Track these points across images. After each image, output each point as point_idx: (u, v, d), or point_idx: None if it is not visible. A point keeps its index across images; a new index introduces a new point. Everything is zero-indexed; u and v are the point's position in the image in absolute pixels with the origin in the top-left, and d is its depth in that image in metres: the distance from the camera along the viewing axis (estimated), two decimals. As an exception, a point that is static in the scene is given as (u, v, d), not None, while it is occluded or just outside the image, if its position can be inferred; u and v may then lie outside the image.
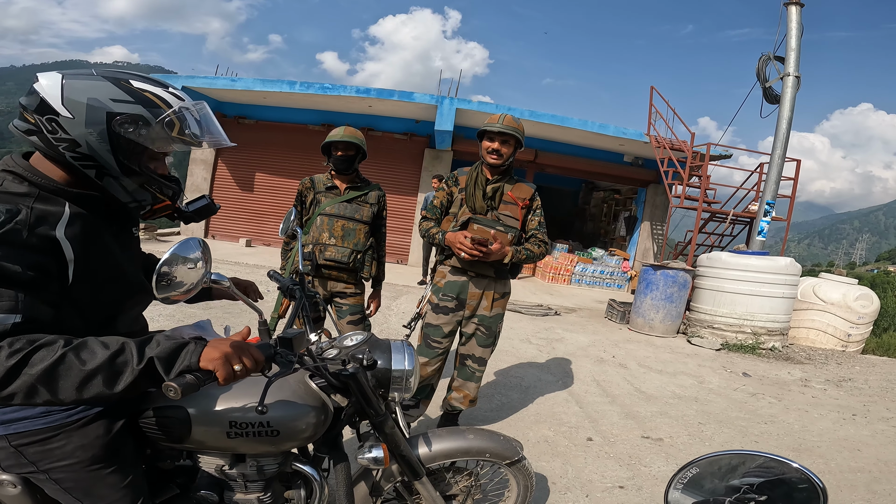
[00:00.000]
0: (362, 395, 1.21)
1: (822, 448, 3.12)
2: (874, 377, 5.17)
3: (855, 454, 3.09)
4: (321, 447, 1.31)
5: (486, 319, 2.49)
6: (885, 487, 2.66)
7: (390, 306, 6.09)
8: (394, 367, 1.27)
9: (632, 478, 2.46)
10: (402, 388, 1.28)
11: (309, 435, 1.22)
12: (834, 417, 3.75)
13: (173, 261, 0.93)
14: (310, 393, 1.23)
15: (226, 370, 0.90)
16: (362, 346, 1.29)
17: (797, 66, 7.18)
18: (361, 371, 1.20)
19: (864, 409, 4.06)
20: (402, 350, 1.31)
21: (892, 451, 3.18)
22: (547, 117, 9.81)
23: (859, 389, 4.65)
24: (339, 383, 1.21)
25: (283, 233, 1.71)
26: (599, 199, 14.52)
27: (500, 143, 2.39)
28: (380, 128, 11.08)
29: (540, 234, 2.49)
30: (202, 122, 1.07)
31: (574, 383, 3.93)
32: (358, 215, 2.65)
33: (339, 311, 2.72)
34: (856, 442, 3.29)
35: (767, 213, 7.20)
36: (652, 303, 6.35)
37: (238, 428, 1.13)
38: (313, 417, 1.21)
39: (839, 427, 3.55)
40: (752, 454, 0.85)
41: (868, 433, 3.48)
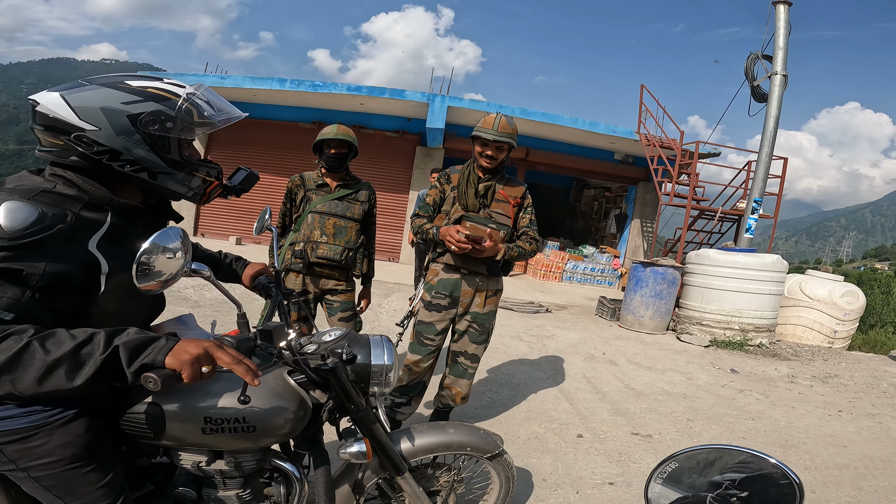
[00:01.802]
0: (342, 389, 1.21)
1: (808, 444, 3.16)
2: (860, 374, 5.23)
3: (841, 450, 3.12)
4: (301, 444, 1.30)
5: (479, 316, 2.50)
6: (870, 484, 2.68)
7: (381, 304, 6.07)
8: (373, 362, 1.27)
9: (621, 474, 2.48)
10: (381, 382, 1.28)
11: (287, 431, 1.21)
12: (820, 414, 3.80)
13: (153, 250, 0.93)
14: (288, 389, 1.22)
15: (192, 371, 0.88)
16: (341, 340, 1.28)
17: (784, 64, 7.26)
18: (341, 365, 1.19)
19: (850, 405, 4.11)
20: (381, 345, 1.31)
21: (877, 448, 3.21)
22: (538, 115, 9.83)
23: (845, 386, 4.71)
24: (319, 378, 1.21)
25: (257, 232, 1.71)
26: (590, 197, 14.59)
27: (494, 149, 2.41)
28: (371, 125, 11.04)
29: (531, 231, 2.51)
30: (212, 102, 1.10)
31: (564, 380, 3.95)
32: (349, 213, 2.65)
33: (329, 309, 2.72)
34: (841, 438, 3.33)
35: (755, 211, 7.28)
36: (642, 300, 6.39)
37: (213, 424, 1.12)
38: (291, 413, 1.20)
39: (825, 423, 3.60)
40: (730, 449, 0.86)
41: (854, 429, 3.52)
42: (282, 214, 2.76)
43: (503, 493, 1.63)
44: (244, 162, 11.30)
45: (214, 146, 11.44)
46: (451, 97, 9.80)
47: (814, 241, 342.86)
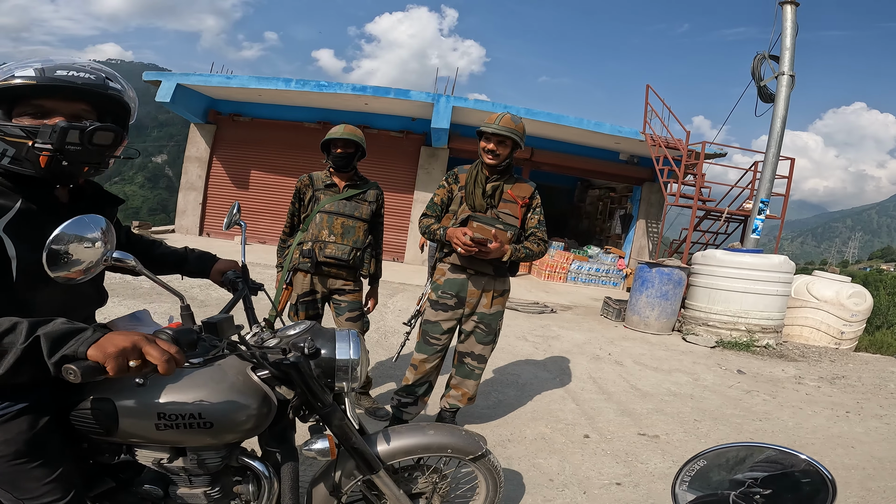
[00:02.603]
0: (305, 384, 1.19)
1: (815, 445, 3.14)
2: (867, 374, 5.21)
3: (849, 451, 3.11)
4: (270, 442, 1.28)
5: (486, 317, 2.49)
6: (878, 485, 2.67)
7: (387, 304, 6.08)
8: (338, 357, 1.25)
9: (628, 474, 2.47)
10: (348, 377, 1.25)
11: (250, 428, 1.19)
12: (827, 415, 3.78)
13: (64, 238, 0.88)
14: (250, 385, 1.20)
15: (116, 364, 0.84)
16: (304, 334, 1.26)
17: (792, 64, 7.22)
18: (303, 359, 1.17)
19: (858, 406, 4.09)
20: (346, 339, 1.28)
21: (885, 448, 3.20)
22: (543, 115, 9.82)
23: (853, 387, 4.68)
24: (281, 373, 1.19)
25: (226, 227, 1.71)
26: (595, 197, 14.56)
27: (496, 143, 2.39)
28: (376, 125, 11.04)
29: (539, 232, 2.50)
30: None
31: (570, 380, 3.94)
32: (357, 213, 2.65)
33: (337, 309, 2.72)
34: (849, 439, 3.31)
35: (762, 212, 7.25)
36: (647, 300, 6.38)
37: (167, 420, 1.10)
38: (254, 409, 1.18)
39: (833, 424, 3.57)
40: (760, 446, 0.85)
41: (861, 430, 3.51)
42: (290, 214, 2.77)
43: (491, 495, 1.61)
44: (249, 161, 11.40)
45: (220, 146, 11.49)
46: (456, 97, 9.80)
47: (819, 241, 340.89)
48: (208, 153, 11.40)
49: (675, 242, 9.79)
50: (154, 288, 4.82)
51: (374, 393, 3.16)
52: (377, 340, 4.54)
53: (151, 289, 4.89)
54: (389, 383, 3.44)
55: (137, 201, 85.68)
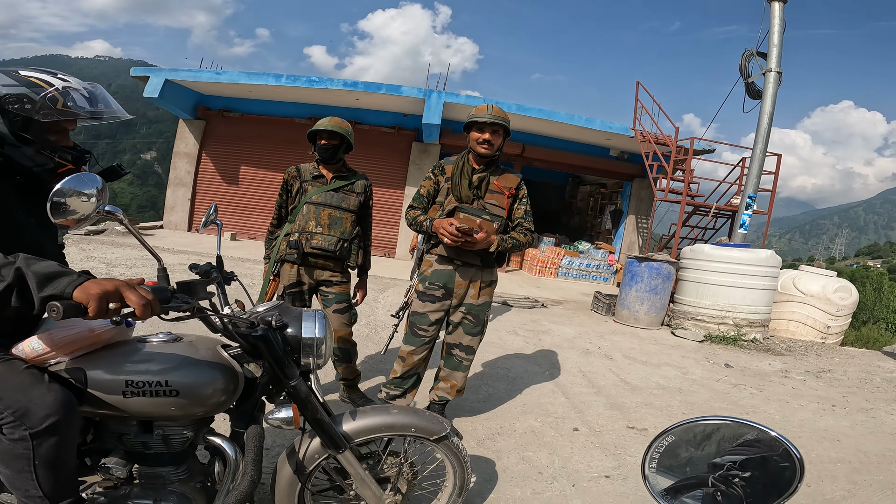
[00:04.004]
0: (273, 356, 1.23)
1: (802, 438, 3.17)
2: (853, 369, 5.28)
3: (835, 444, 3.14)
4: (238, 422, 1.31)
5: (474, 308, 2.50)
6: (864, 478, 2.69)
7: (377, 298, 6.07)
8: (304, 335, 1.29)
9: (617, 467, 2.49)
10: (314, 354, 1.30)
11: (217, 402, 1.23)
12: (814, 408, 3.82)
13: (66, 191, 1.04)
14: (218, 359, 1.25)
15: (97, 305, 0.92)
16: (273, 310, 1.31)
17: (779, 62, 7.26)
18: (271, 332, 1.23)
19: (844, 400, 4.14)
20: (312, 318, 1.33)
21: (871, 442, 3.23)
22: (534, 111, 9.85)
23: (838, 381, 4.75)
24: (249, 345, 1.24)
25: (203, 226, 1.74)
26: (586, 193, 14.62)
27: (491, 133, 2.40)
28: (367, 121, 11.01)
29: (526, 222, 2.51)
30: (92, 99, 1.25)
31: (560, 374, 3.96)
32: (345, 204, 2.65)
33: (324, 300, 2.73)
34: (835, 433, 3.34)
35: (749, 207, 7.31)
36: (637, 295, 6.42)
37: (134, 387, 1.15)
38: (221, 383, 1.22)
39: (819, 418, 3.62)
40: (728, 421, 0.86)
41: (847, 424, 3.55)
42: (278, 206, 2.77)
43: (458, 481, 1.63)
44: (239, 157, 11.32)
45: (210, 142, 11.39)
46: (448, 93, 9.80)
47: (807, 238, 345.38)
48: (197, 149, 11.30)
49: (664, 237, 9.87)
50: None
51: (363, 386, 3.16)
52: (367, 335, 4.53)
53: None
54: (379, 377, 3.44)
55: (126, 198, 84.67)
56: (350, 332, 2.80)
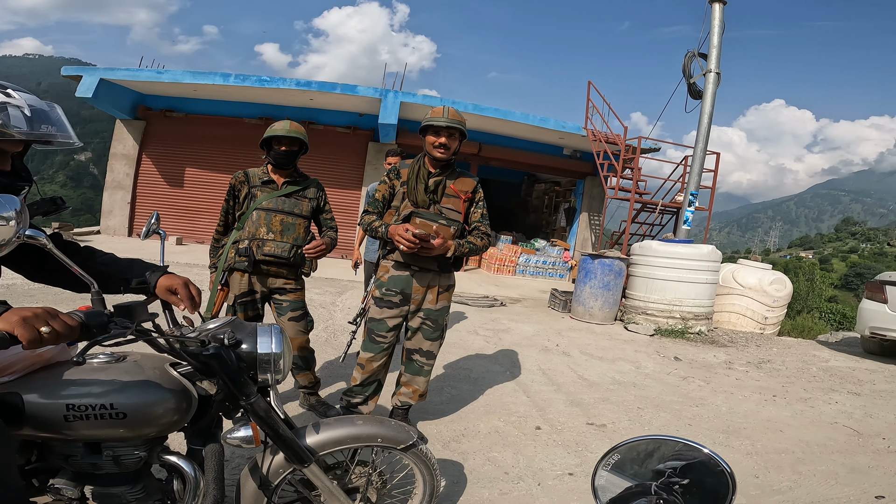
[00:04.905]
0: (228, 374, 1.20)
1: (748, 429, 3.27)
2: (790, 358, 5.57)
3: (778, 435, 3.24)
4: (194, 439, 1.28)
5: (433, 313, 2.50)
6: (808, 468, 2.77)
7: (335, 302, 5.98)
8: (260, 351, 1.26)
9: (580, 464, 2.55)
10: (272, 370, 1.27)
11: (168, 422, 1.19)
12: (757, 399, 3.96)
13: None
14: (168, 378, 1.21)
15: (28, 332, 0.90)
16: (224, 327, 1.27)
17: (718, 62, 7.50)
18: (224, 350, 1.19)
19: (783, 390, 4.30)
20: (268, 333, 1.30)
21: (812, 432, 3.34)
22: (490, 111, 9.97)
23: (778, 371, 4.96)
24: (200, 364, 1.20)
25: (144, 237, 1.66)
26: (541, 191, 14.94)
27: (447, 136, 2.39)
28: (321, 121, 10.81)
29: (483, 226, 2.52)
30: (34, 119, 1.12)
31: (521, 373, 4.03)
32: (297, 210, 2.60)
33: (278, 309, 2.66)
34: (778, 423, 3.46)
35: (691, 204, 7.66)
36: (591, 291, 6.61)
37: (77, 411, 1.11)
38: (172, 403, 1.19)
39: (762, 408, 3.75)
40: (667, 439, 0.90)
41: (788, 414, 3.68)
42: (224, 212, 2.67)
43: (428, 488, 1.63)
44: (184, 158, 10.83)
45: (151, 143, 10.84)
46: (405, 93, 9.77)
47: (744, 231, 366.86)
48: (137, 150, 10.75)
49: (615, 234, 10.24)
50: (76, 296, 4.50)
51: (324, 393, 3.11)
52: (326, 339, 4.45)
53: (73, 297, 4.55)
54: (339, 382, 3.40)
55: (58, 201, 78.70)
56: (307, 340, 2.75)
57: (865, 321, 5.65)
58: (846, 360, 5.76)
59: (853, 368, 5.29)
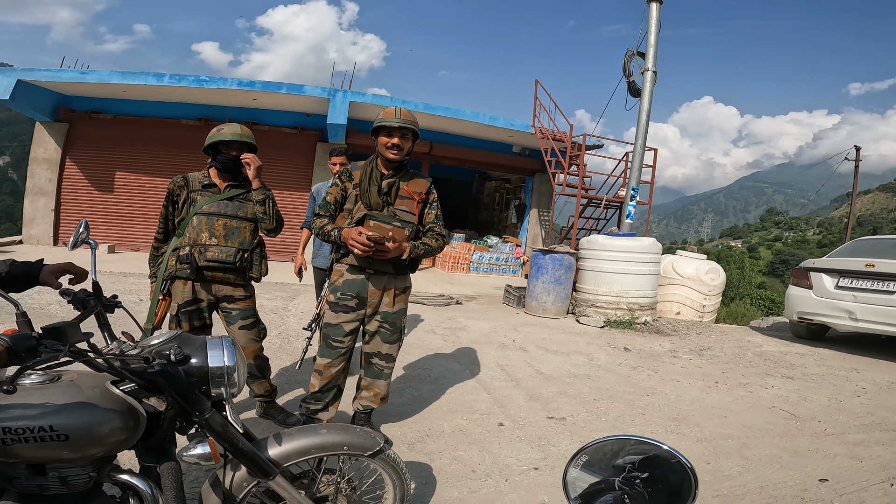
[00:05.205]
0: (177, 391, 1.16)
1: (695, 416, 3.37)
2: (728, 345, 5.81)
3: (723, 421, 3.33)
4: (147, 456, 1.24)
5: (390, 316, 2.47)
6: (754, 453, 2.85)
7: (287, 307, 5.81)
8: (211, 364, 1.23)
9: (544, 458, 2.59)
10: (226, 384, 1.24)
11: (115, 441, 1.15)
12: (701, 386, 4.09)
13: None
14: (110, 397, 1.17)
15: None
16: (170, 342, 1.24)
17: (655, 61, 7.80)
18: (171, 366, 1.15)
19: (724, 376, 4.45)
20: (219, 346, 1.27)
21: (753, 417, 3.44)
22: (441, 110, 10.00)
23: (717, 357, 5.16)
24: (146, 382, 1.16)
25: (71, 247, 1.59)
26: (492, 189, 15.16)
27: (400, 137, 2.37)
28: (266, 122, 10.47)
29: (437, 227, 2.52)
30: None
31: (480, 370, 4.07)
32: (241, 213, 2.51)
33: (228, 317, 2.57)
34: (722, 409, 3.56)
35: (633, 198, 8.00)
36: (543, 286, 6.77)
37: (14, 434, 1.05)
38: (117, 422, 1.14)
39: (706, 395, 3.87)
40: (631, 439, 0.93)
41: (730, 399, 3.80)
42: (163, 218, 2.55)
43: (398, 490, 1.63)
44: (114, 162, 10.19)
45: (75, 146, 10.10)
46: (354, 92, 9.63)
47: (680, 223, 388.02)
48: (60, 154, 10.00)
49: (564, 229, 10.56)
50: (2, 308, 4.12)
51: (282, 400, 3.03)
52: (280, 346, 4.33)
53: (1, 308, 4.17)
54: (298, 389, 3.32)
55: (-29, 209, 71.81)
56: (261, 348, 2.67)
57: (793, 307, 5.98)
58: (778, 344, 6.05)
59: (785, 353, 5.55)
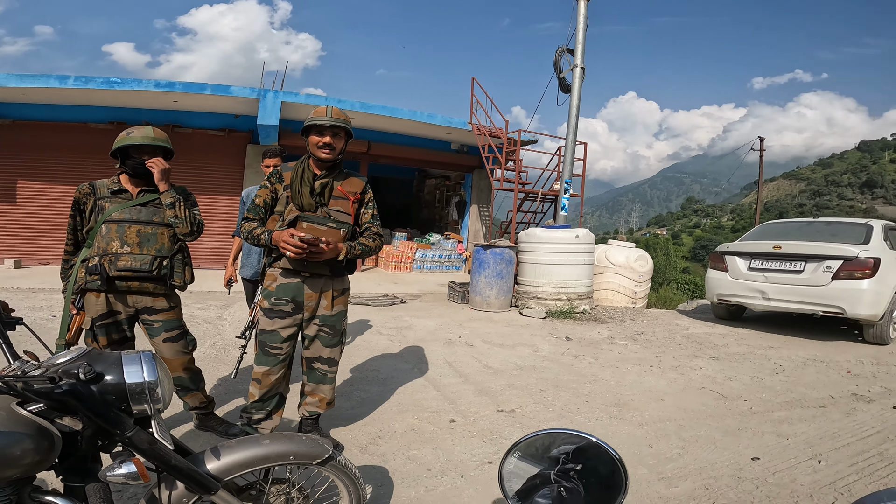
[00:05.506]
0: (92, 411, 1.11)
1: (635, 401, 3.46)
2: (659, 329, 6.05)
3: (660, 404, 3.43)
4: (69, 476, 1.17)
5: (329, 319, 2.42)
6: (690, 434, 2.93)
7: (222, 316, 5.54)
8: (129, 381, 1.18)
9: (496, 452, 2.62)
10: (148, 400, 1.19)
11: (29, 463, 1.08)
12: (638, 371, 4.21)
13: None
14: (17, 418, 1.10)
15: None
16: (79, 360, 1.17)
17: (583, 57, 8.06)
18: (81, 385, 1.10)
19: (657, 359, 4.59)
20: (137, 361, 1.21)
21: (687, 399, 3.56)
22: (378, 108, 9.88)
23: (650, 342, 5.35)
24: (55, 402, 1.10)
25: None
26: (432, 186, 15.20)
27: (332, 136, 2.31)
28: (189, 124, 9.88)
29: (374, 227, 2.49)
30: None
31: (429, 368, 4.08)
32: (157, 218, 2.37)
33: (150, 330, 2.43)
34: (658, 392, 3.66)
35: (567, 191, 8.31)
36: (486, 281, 6.88)
37: None
38: (28, 444, 1.08)
39: (643, 379, 3.99)
40: (560, 432, 0.96)
41: (665, 382, 3.92)
42: (71, 229, 2.38)
43: (353, 496, 1.61)
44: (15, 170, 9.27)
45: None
46: (286, 92, 9.31)
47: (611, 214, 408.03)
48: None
49: (503, 224, 10.80)
50: None
51: (222, 412, 2.92)
52: (216, 356, 4.14)
53: None
54: (238, 399, 3.18)
55: None
56: (191, 359, 2.55)
57: (712, 289, 6.38)
58: (703, 326, 6.36)
59: (709, 334, 5.83)
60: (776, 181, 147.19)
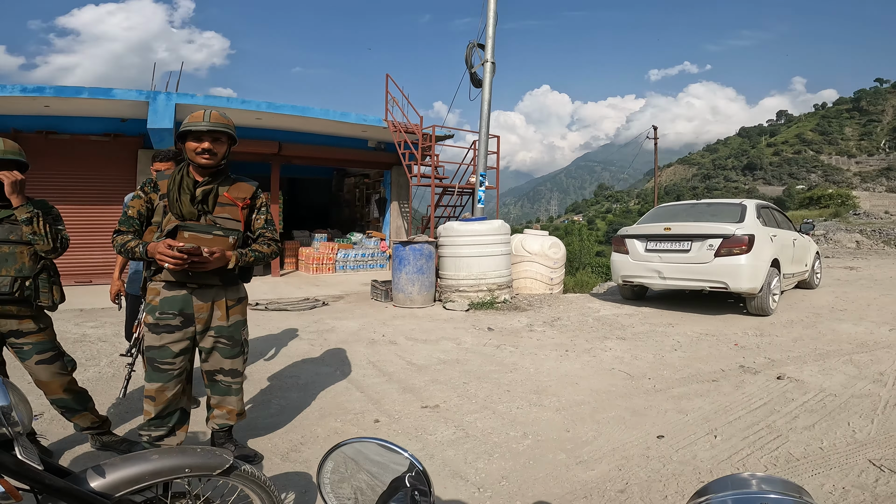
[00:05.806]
0: None
1: (553, 387, 3.53)
2: (573, 313, 6.25)
3: (575, 388, 3.50)
4: None
5: (226, 329, 2.32)
6: (603, 416, 3.01)
7: (118, 333, 5.08)
8: None
9: (423, 448, 2.65)
10: (5, 423, 1.16)
11: None
12: (554, 356, 4.30)
13: None
14: None
15: None
16: None
17: (493, 53, 8.14)
18: None
19: (572, 343, 4.72)
20: None
21: (599, 381, 3.65)
22: (287, 108, 9.50)
23: (566, 326, 5.51)
24: None
25: None
26: (351, 185, 14.92)
27: (211, 141, 2.20)
28: (67, 129, 8.90)
29: (268, 232, 2.42)
30: None
31: (351, 370, 4.04)
32: (13, 236, 2.20)
33: (20, 353, 2.28)
34: (573, 376, 3.74)
35: (482, 184, 8.52)
36: (407, 277, 6.91)
37: None
38: None
39: (559, 364, 4.08)
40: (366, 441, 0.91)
41: (579, 366, 4.02)
42: None
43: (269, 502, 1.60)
44: None
45: None
46: (181, 94, 8.64)
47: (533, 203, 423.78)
48: None
49: (424, 219, 10.88)
50: None
51: (122, 430, 2.79)
52: (113, 374, 3.86)
53: None
54: (138, 417, 3.01)
55: None
56: (71, 380, 2.41)
57: (617, 271, 6.82)
58: (612, 307, 6.66)
59: (617, 315, 6.08)
60: (672, 167, 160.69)
